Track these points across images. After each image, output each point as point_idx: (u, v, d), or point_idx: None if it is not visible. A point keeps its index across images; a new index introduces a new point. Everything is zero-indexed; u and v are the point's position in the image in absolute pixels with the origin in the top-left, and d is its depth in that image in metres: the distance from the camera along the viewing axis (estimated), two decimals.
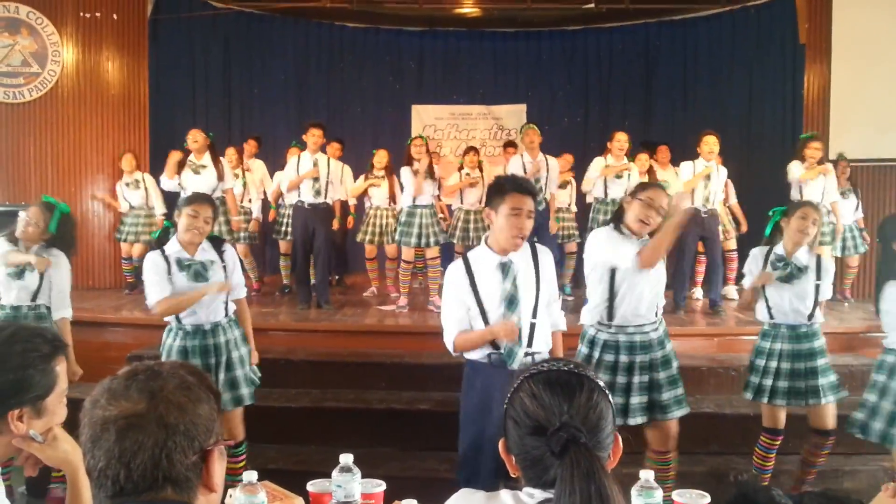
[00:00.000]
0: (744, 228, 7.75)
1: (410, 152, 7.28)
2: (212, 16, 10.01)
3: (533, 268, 3.38)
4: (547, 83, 11.13)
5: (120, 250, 8.23)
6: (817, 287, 4.14)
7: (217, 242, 4.17)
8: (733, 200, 7.97)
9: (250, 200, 8.34)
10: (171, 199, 7.67)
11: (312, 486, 2.24)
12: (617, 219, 3.84)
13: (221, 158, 7.16)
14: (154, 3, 9.02)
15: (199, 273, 4.01)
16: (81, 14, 8.34)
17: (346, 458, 2.18)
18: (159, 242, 4.11)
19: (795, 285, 4.12)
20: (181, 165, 6.91)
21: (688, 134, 9.38)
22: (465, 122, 11.13)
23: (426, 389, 5.45)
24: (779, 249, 4.19)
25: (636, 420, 3.74)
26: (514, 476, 1.50)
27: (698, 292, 7.90)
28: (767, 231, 4.33)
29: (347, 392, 5.51)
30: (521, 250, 3.37)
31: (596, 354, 3.82)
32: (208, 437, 1.33)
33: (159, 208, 8.03)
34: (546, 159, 7.44)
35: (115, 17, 8.47)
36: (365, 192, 8.33)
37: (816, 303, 4.15)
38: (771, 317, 4.20)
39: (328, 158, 7.30)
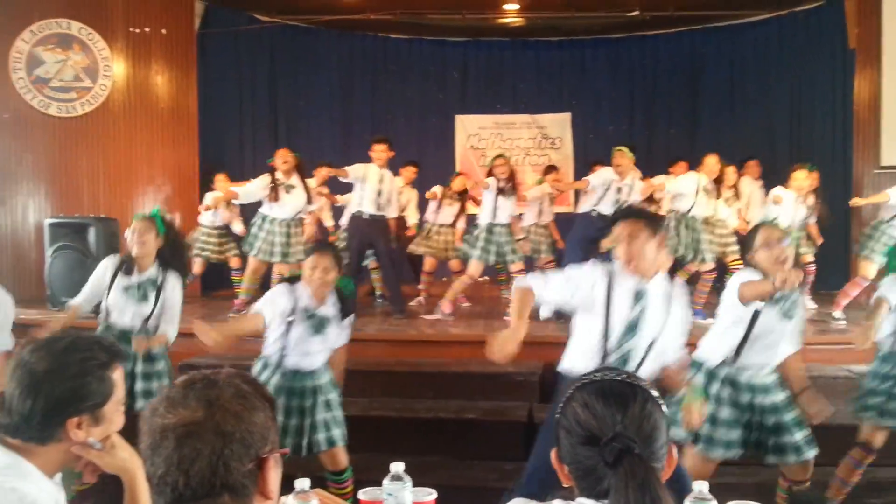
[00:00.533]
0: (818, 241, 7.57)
1: (493, 172, 7.30)
2: (258, 29, 10.16)
3: (666, 303, 3.32)
4: (591, 92, 11.09)
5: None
6: None
7: (348, 305, 4.11)
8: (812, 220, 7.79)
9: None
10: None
11: (364, 494, 2.24)
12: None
13: (306, 180, 7.22)
14: (202, 17, 9.18)
15: (318, 326, 3.98)
16: (131, 29, 8.51)
17: (398, 467, 2.18)
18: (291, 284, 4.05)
19: None
20: (273, 185, 6.99)
21: (735, 141, 9.28)
22: (509, 132, 11.13)
23: (473, 398, 5.44)
24: None
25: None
26: (566, 486, 1.49)
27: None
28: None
29: (395, 401, 5.52)
30: (661, 281, 3.33)
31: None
32: (264, 445, 1.34)
33: (236, 228, 8.14)
34: (633, 181, 7.21)
35: (163, 31, 8.63)
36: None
37: None
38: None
39: (392, 175, 7.38)
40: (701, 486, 2.09)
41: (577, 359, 3.36)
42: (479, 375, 5.48)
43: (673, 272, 7.42)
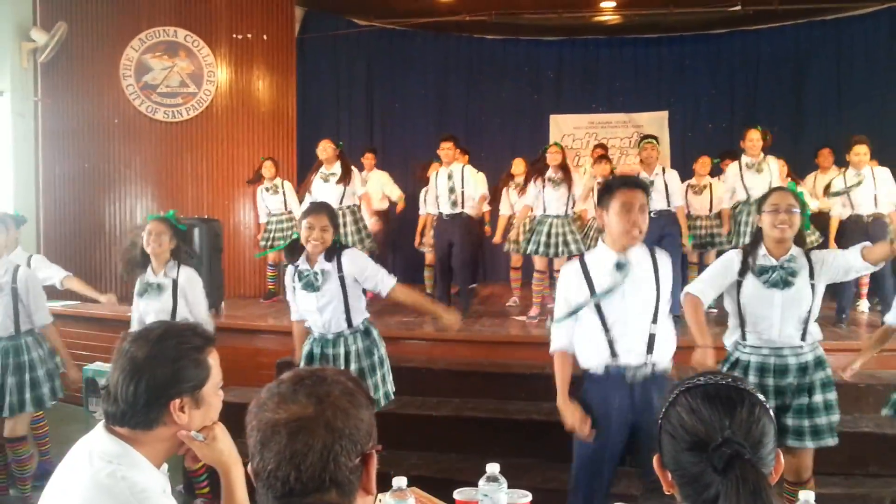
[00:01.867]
0: None
1: (546, 160, 7.21)
2: (356, 33, 10.33)
3: (653, 271, 3.26)
4: (690, 89, 10.86)
5: (266, 259, 8.50)
6: None
7: (333, 250, 4.06)
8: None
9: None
10: None
11: (459, 494, 2.25)
12: (756, 242, 3.62)
13: (353, 168, 7.35)
14: (301, 22, 9.40)
15: (310, 283, 4.05)
16: (234, 36, 8.79)
17: (493, 468, 2.18)
18: (289, 253, 4.17)
19: None
20: (312, 176, 7.21)
21: (839, 140, 8.92)
22: (605, 131, 10.99)
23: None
24: None
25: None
26: (668, 493, 1.46)
27: (863, 305, 7.42)
28: None
29: (487, 402, 5.52)
30: (640, 254, 3.28)
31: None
32: (368, 441, 1.37)
33: (297, 211, 8.30)
34: (664, 172, 7.13)
35: (265, 37, 8.88)
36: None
37: None
38: None
39: (462, 169, 7.36)
40: (807, 496, 2.01)
41: (588, 352, 3.34)
42: (571, 378, 5.41)
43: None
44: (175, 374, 1.78)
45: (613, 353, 3.25)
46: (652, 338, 3.23)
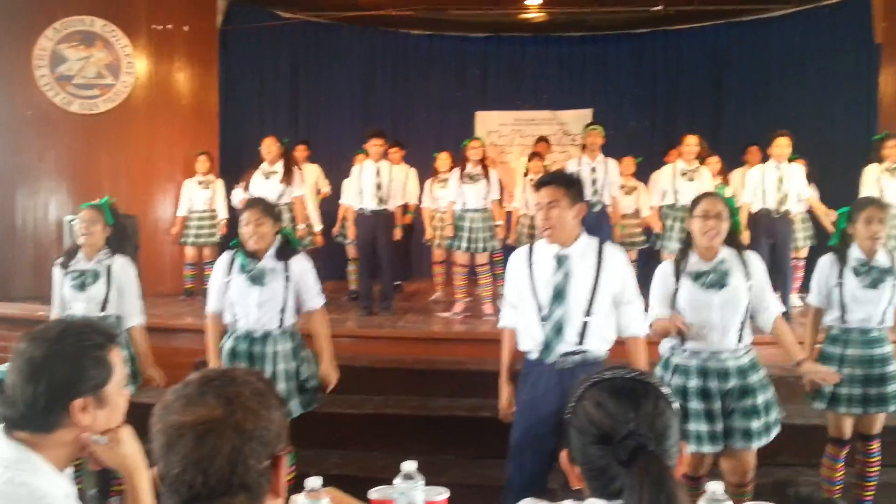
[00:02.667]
0: (829, 227, 7.45)
1: (466, 154, 7.25)
2: (280, 26, 10.18)
3: (595, 264, 3.34)
4: (614, 87, 11.03)
5: (184, 257, 8.35)
6: (893, 288, 3.96)
7: (286, 252, 4.10)
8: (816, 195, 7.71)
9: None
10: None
11: (375, 493, 2.23)
12: (686, 247, 3.68)
13: (295, 167, 7.26)
14: (224, 14, 9.22)
15: (256, 277, 4.01)
16: (153, 26, 8.57)
17: (409, 466, 2.16)
18: (238, 247, 4.13)
19: (879, 288, 3.93)
20: (252, 173, 7.07)
21: (758, 137, 9.19)
22: (530, 128, 11.07)
23: (489, 397, 5.36)
24: (857, 253, 3.98)
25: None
26: (576, 487, 1.48)
27: (794, 299, 7.63)
28: (835, 239, 4.14)
29: (410, 399, 5.52)
30: (586, 247, 3.37)
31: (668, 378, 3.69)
32: (278, 443, 1.35)
33: (222, 212, 8.17)
34: (606, 161, 7.33)
35: (185, 28, 8.68)
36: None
37: (890, 304, 3.98)
38: (844, 321, 4.01)
39: (389, 166, 7.34)
40: (716, 487, 2.07)
41: (524, 336, 3.44)
42: (495, 373, 5.44)
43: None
44: (76, 374, 1.71)
45: (547, 343, 3.33)
46: (585, 326, 3.32)
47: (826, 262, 4.09)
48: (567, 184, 3.34)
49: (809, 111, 9.80)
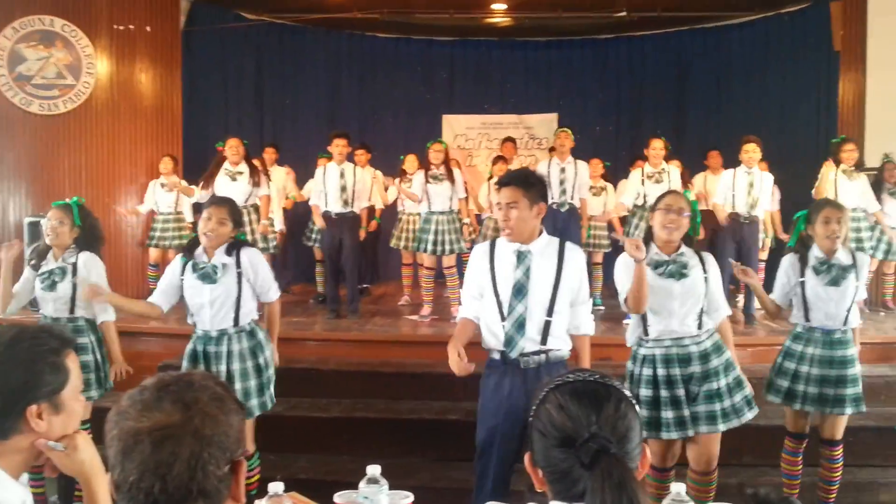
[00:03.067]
0: (783, 238, 7.63)
1: (429, 157, 7.28)
2: (244, 27, 10.10)
3: (556, 262, 3.37)
4: (579, 92, 11.10)
5: (148, 258, 8.27)
6: (856, 288, 4.05)
7: (235, 245, 4.09)
8: (775, 207, 7.94)
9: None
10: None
11: (339, 498, 2.22)
12: (647, 240, 3.75)
13: (258, 166, 7.25)
14: (187, 15, 9.12)
15: (207, 275, 4.00)
16: (115, 26, 8.44)
17: (374, 470, 2.16)
18: (188, 248, 4.16)
19: (841, 286, 4.01)
20: (213, 173, 7.04)
21: (720, 142, 9.30)
22: (496, 132, 11.10)
23: (457, 399, 5.41)
24: (817, 252, 4.06)
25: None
26: (539, 490, 1.47)
27: (740, 301, 7.74)
28: (793, 240, 4.23)
29: (378, 402, 5.50)
30: (547, 245, 3.40)
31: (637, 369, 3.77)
32: (237, 448, 1.32)
33: (189, 215, 8.11)
34: (575, 163, 7.39)
35: (148, 29, 8.57)
36: (398, 197, 8.32)
37: (852, 305, 4.06)
38: (807, 319, 4.08)
39: (354, 168, 7.32)
40: (678, 488, 2.08)
41: (486, 333, 3.45)
42: (463, 376, 5.44)
43: None
44: (30, 379, 1.68)
45: (508, 339, 3.34)
46: (547, 325, 3.33)
47: (787, 261, 4.17)
48: (526, 185, 3.35)
49: (771, 117, 9.94)
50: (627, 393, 1.45)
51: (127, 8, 8.49)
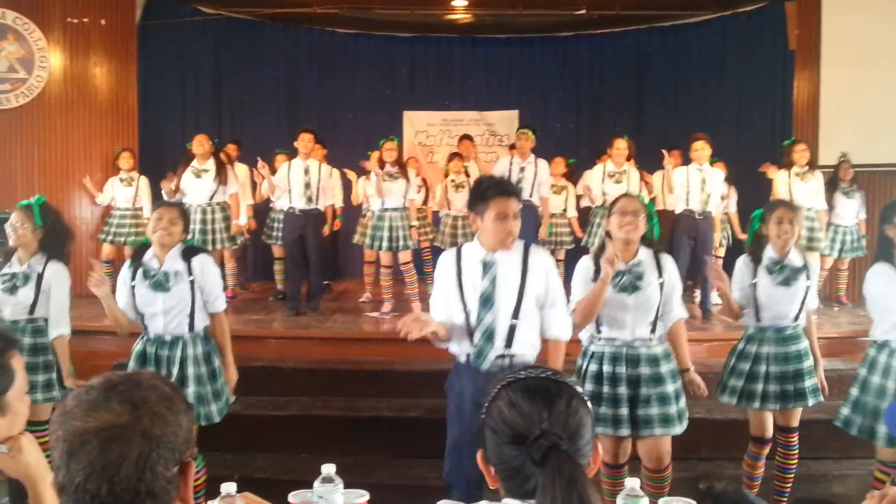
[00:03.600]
0: (741, 237, 7.75)
1: (382, 154, 7.27)
2: (201, 22, 9.97)
3: (520, 268, 3.36)
4: (539, 89, 11.14)
5: (101, 254, 8.10)
6: (807, 289, 4.11)
7: (189, 252, 4.03)
8: (732, 209, 8.03)
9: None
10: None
11: (294, 497, 2.19)
12: (603, 247, 3.79)
13: (227, 164, 7.20)
14: (143, 8, 8.99)
15: (159, 283, 3.92)
16: (69, 20, 8.29)
17: (328, 469, 2.14)
18: (136, 255, 4.05)
19: (792, 286, 4.07)
20: (184, 169, 6.98)
21: (679, 139, 9.40)
22: (458, 129, 11.08)
23: (417, 397, 5.41)
24: (771, 253, 4.13)
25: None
26: (492, 487, 1.47)
27: (697, 296, 7.80)
28: (749, 239, 4.30)
29: (337, 400, 5.47)
30: (513, 250, 3.38)
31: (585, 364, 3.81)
32: (186, 449, 1.30)
33: (148, 211, 7.99)
34: (535, 162, 7.43)
35: (102, 22, 8.42)
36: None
37: (804, 304, 4.12)
38: (759, 320, 4.14)
39: (319, 164, 7.27)
40: (633, 483, 2.10)
41: (453, 342, 3.44)
42: (422, 373, 5.45)
43: None
44: None
45: (479, 351, 3.35)
46: (512, 329, 3.33)
47: (741, 262, 4.23)
48: (518, 196, 3.38)
49: (728, 115, 10.08)
50: (579, 389, 1.46)
51: (81, 1, 8.35)
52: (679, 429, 3.71)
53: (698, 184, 6.98)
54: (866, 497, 1.51)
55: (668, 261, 3.79)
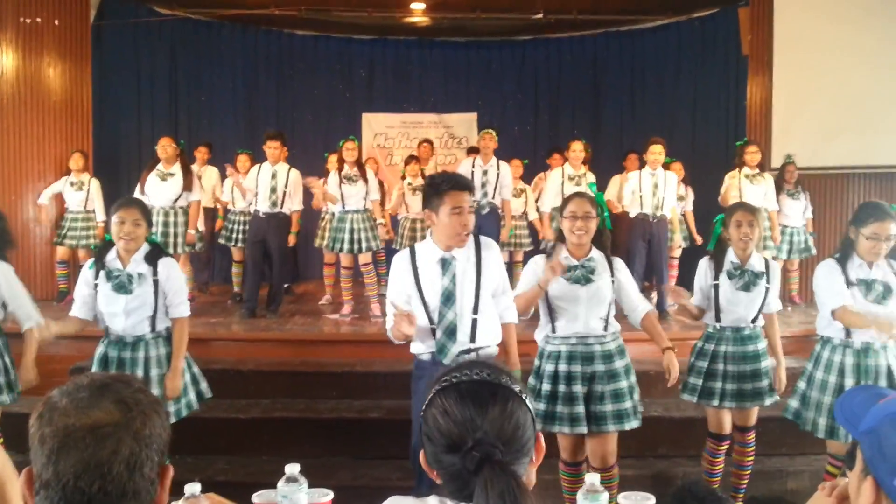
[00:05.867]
0: (697, 240, 7.89)
1: (342, 155, 7.24)
2: (157, 22, 9.87)
3: (475, 262, 3.43)
4: (497, 92, 11.22)
5: (55, 256, 8.03)
6: (766, 290, 4.17)
7: (154, 255, 3.96)
8: (689, 208, 8.17)
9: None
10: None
11: (258, 497, 2.20)
12: (558, 241, 3.88)
13: (192, 168, 7.14)
14: (97, 8, 8.87)
15: (122, 285, 3.86)
16: (21, 19, 8.14)
17: (293, 469, 2.15)
18: (99, 254, 3.98)
19: (752, 291, 4.14)
20: (148, 172, 6.88)
21: (635, 141, 9.52)
22: (416, 131, 11.13)
23: (378, 398, 5.42)
24: (732, 257, 4.19)
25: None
26: (439, 484, 1.47)
27: (654, 298, 7.89)
28: (712, 244, 4.34)
29: (298, 402, 5.45)
30: (468, 246, 3.44)
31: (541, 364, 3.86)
32: (165, 453, 1.31)
33: (100, 214, 7.89)
34: (498, 164, 7.49)
35: (56, 22, 8.28)
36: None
37: (763, 305, 4.19)
38: (718, 320, 4.21)
39: (288, 169, 7.23)
40: (592, 479, 2.14)
41: (415, 341, 3.47)
42: (383, 374, 5.47)
43: None
44: None
45: (441, 347, 3.40)
46: (474, 324, 3.40)
47: (703, 264, 4.30)
48: (472, 188, 3.43)
49: (683, 118, 10.25)
50: (516, 388, 1.43)
51: (34, 0, 8.20)
52: (631, 424, 3.77)
53: (650, 188, 7.05)
54: (818, 488, 1.55)
55: (618, 262, 3.87)
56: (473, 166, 7.44)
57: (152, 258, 3.93)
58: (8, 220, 4.44)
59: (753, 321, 4.19)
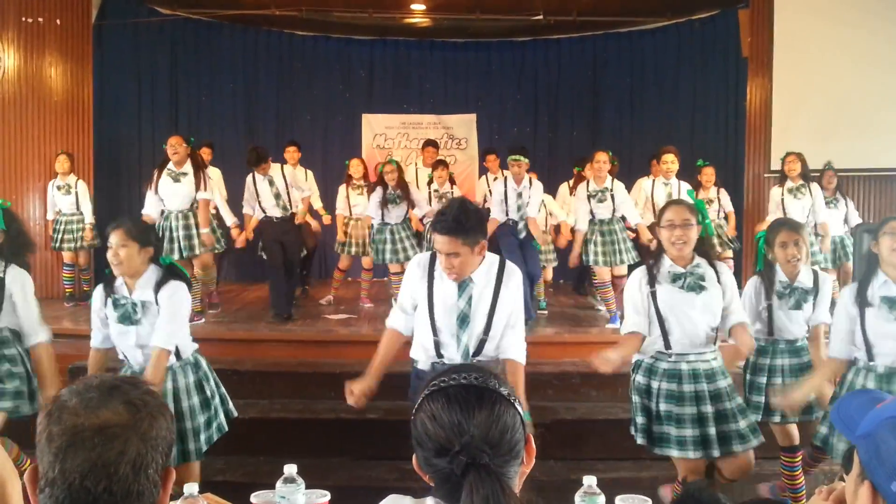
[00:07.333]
0: (731, 233, 7.67)
1: (384, 179, 7.33)
2: (158, 22, 9.89)
3: (493, 287, 3.34)
4: (497, 93, 11.22)
5: (61, 258, 8.04)
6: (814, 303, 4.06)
7: (163, 279, 3.57)
8: (729, 208, 7.82)
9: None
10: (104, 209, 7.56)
11: (256, 498, 2.22)
12: (659, 255, 3.64)
13: (204, 167, 6.93)
14: (99, 8, 8.89)
15: (127, 315, 3.55)
16: (24, 19, 8.17)
17: (290, 469, 2.17)
18: (107, 280, 3.66)
19: (804, 308, 4.03)
20: (160, 173, 6.62)
21: (634, 143, 9.55)
22: (416, 132, 11.14)
23: (375, 398, 5.37)
24: (781, 276, 4.04)
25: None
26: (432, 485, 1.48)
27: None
28: (759, 264, 4.17)
29: (296, 402, 5.47)
30: (489, 269, 3.35)
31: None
32: (169, 456, 1.32)
33: (88, 216, 7.85)
34: (530, 182, 7.01)
35: (58, 22, 8.31)
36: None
37: (811, 318, 4.09)
38: (771, 333, 4.08)
39: (282, 171, 7.24)
40: (590, 481, 2.14)
41: (417, 347, 3.47)
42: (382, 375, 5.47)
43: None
44: None
45: (439, 354, 3.38)
46: (482, 343, 3.35)
47: (752, 285, 4.13)
48: (464, 233, 3.18)
49: (682, 120, 10.26)
50: (505, 391, 1.44)
51: (35, 0, 8.23)
52: (741, 446, 3.53)
53: (664, 198, 6.82)
54: (815, 492, 1.56)
55: (722, 266, 3.65)
56: (507, 189, 6.98)
57: (160, 284, 3.57)
58: (24, 223, 4.36)
59: (805, 332, 4.09)
